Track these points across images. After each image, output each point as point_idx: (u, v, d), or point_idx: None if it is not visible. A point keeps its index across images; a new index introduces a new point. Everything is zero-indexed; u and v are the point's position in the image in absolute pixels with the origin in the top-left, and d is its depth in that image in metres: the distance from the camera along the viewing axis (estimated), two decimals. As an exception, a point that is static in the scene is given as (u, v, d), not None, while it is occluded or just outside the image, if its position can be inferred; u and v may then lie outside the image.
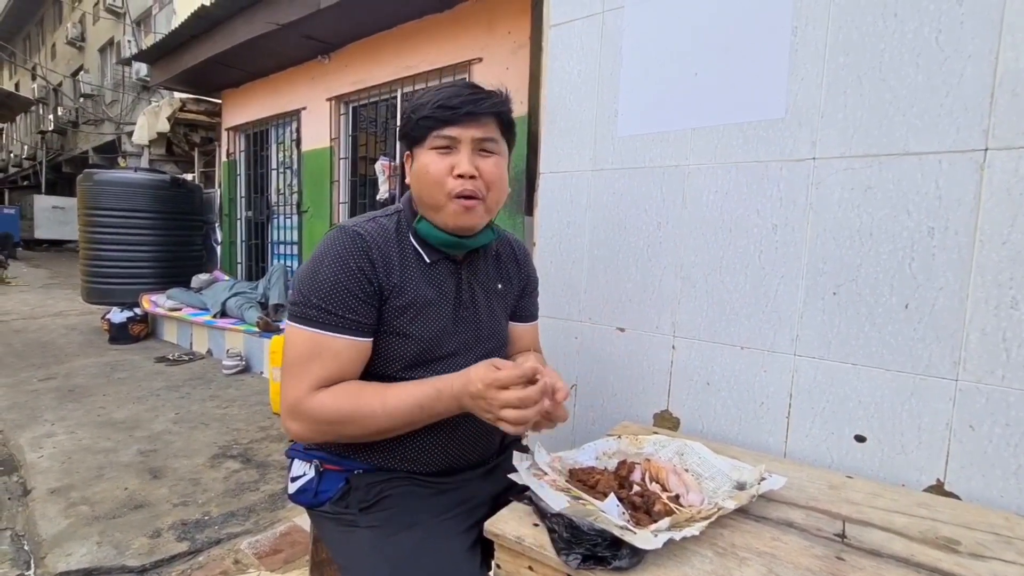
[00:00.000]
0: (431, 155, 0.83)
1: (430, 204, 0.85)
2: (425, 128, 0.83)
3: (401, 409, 0.77)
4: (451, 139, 0.83)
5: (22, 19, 18.54)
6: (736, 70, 1.10)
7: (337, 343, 0.79)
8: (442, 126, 0.82)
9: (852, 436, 0.99)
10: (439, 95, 0.84)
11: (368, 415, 0.78)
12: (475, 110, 0.82)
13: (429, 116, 0.82)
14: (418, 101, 0.86)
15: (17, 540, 1.77)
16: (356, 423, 0.78)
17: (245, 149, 5.47)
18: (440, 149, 0.83)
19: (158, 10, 10.23)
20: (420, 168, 0.84)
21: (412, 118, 0.85)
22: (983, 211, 0.86)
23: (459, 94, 0.83)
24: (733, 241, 1.11)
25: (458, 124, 0.82)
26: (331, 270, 0.80)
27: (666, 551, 0.66)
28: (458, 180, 0.82)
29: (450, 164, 0.82)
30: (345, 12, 3.38)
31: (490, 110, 0.84)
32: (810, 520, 0.77)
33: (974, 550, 0.71)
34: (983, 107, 0.86)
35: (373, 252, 0.82)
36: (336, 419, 0.78)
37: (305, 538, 1.75)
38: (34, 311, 6.30)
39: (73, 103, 13.75)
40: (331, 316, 0.79)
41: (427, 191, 0.84)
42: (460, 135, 0.82)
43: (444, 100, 0.82)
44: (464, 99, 0.82)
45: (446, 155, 0.83)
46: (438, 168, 0.82)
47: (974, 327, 0.87)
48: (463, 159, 0.82)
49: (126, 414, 2.94)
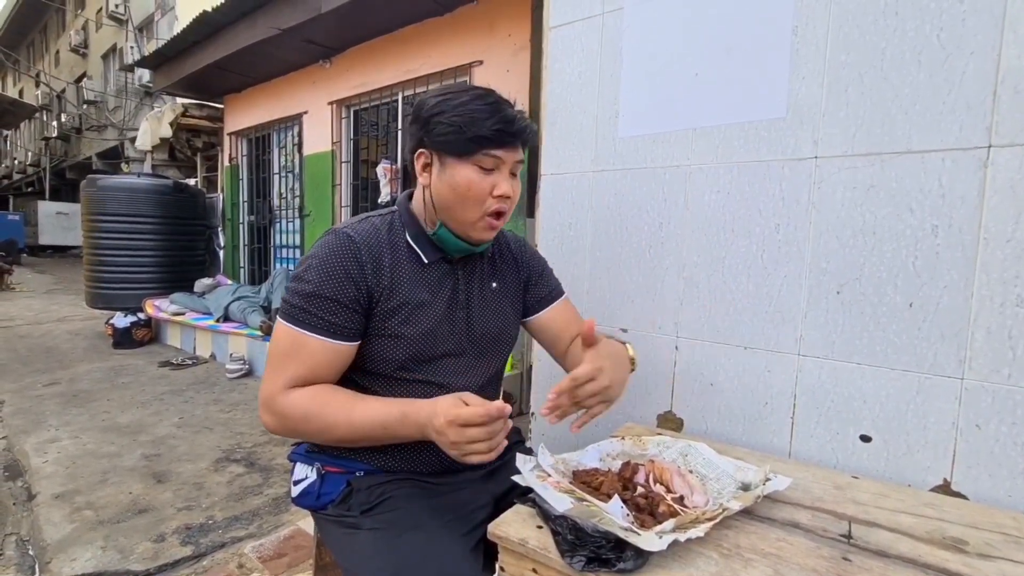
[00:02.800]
0: (473, 171, 0.82)
1: (462, 219, 0.85)
2: (476, 145, 0.81)
3: (365, 425, 0.78)
4: (498, 160, 0.83)
5: (26, 27, 18.67)
6: (737, 70, 1.10)
7: (314, 343, 0.80)
8: (495, 146, 0.81)
9: (857, 436, 0.98)
10: (487, 115, 0.80)
11: (332, 424, 0.79)
12: (522, 142, 0.84)
13: (487, 137, 0.80)
14: (454, 111, 0.81)
15: (22, 545, 1.78)
16: (320, 430, 0.80)
17: (247, 154, 5.50)
18: (485, 169, 0.82)
19: (160, 16, 10.29)
20: (460, 182, 0.82)
21: (462, 132, 0.80)
22: (987, 208, 0.86)
23: (509, 118, 0.81)
24: (735, 241, 1.11)
25: (508, 147, 0.83)
26: (317, 273, 0.81)
27: (671, 553, 0.66)
28: (498, 200, 0.83)
29: (492, 184, 0.83)
30: (346, 16, 3.39)
31: (532, 141, 0.87)
32: (816, 521, 0.77)
33: (982, 550, 0.70)
34: (986, 104, 0.85)
35: (363, 254, 0.83)
36: (302, 420, 0.80)
37: (309, 542, 1.75)
38: (38, 316, 6.33)
39: (76, 109, 13.83)
40: (311, 316, 0.80)
41: (462, 206, 0.84)
42: (506, 158, 0.83)
43: (501, 125, 0.80)
44: (517, 128, 0.82)
45: (487, 174, 0.83)
46: (481, 187, 0.82)
47: (979, 325, 0.87)
48: (504, 181, 0.83)
49: (130, 419, 2.95)
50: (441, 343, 0.88)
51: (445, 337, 0.89)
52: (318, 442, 0.87)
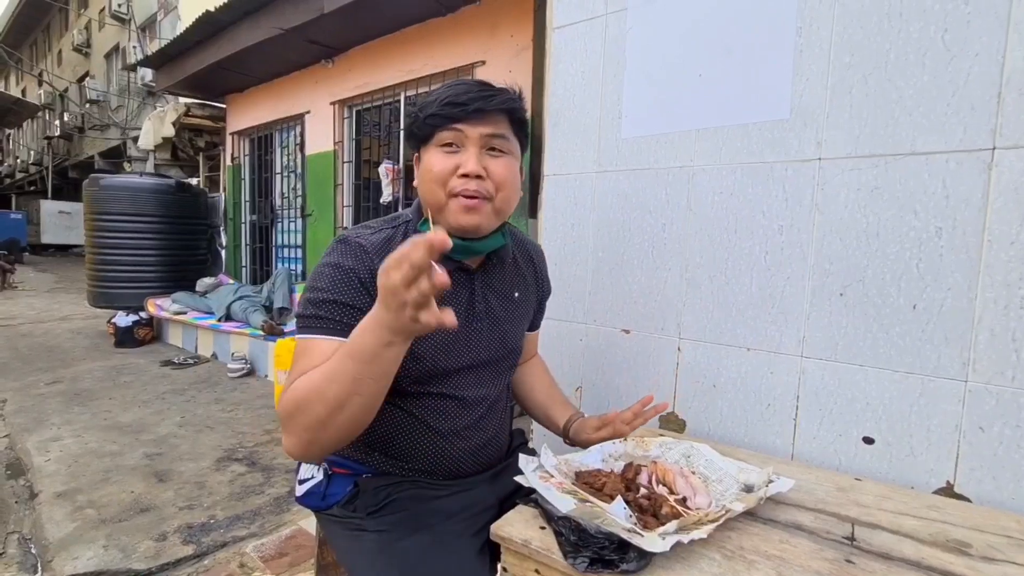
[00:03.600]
0: (437, 153, 0.80)
1: (433, 204, 0.81)
2: (431, 126, 0.79)
3: (337, 365, 0.67)
4: (458, 136, 0.78)
5: (29, 26, 18.71)
6: (740, 71, 1.09)
7: (324, 345, 0.74)
8: (449, 123, 0.78)
9: (860, 438, 0.98)
10: (447, 92, 0.80)
11: (317, 389, 0.68)
12: (484, 107, 0.78)
13: (436, 114, 0.78)
14: (426, 99, 0.82)
15: (24, 543, 1.78)
16: (312, 403, 0.68)
17: (249, 153, 5.50)
18: (446, 147, 0.79)
19: (163, 16, 10.31)
20: (424, 167, 0.81)
21: (419, 116, 0.81)
22: (991, 211, 0.86)
23: (468, 90, 0.79)
24: (738, 242, 1.10)
25: (466, 121, 0.78)
26: (328, 280, 0.77)
27: (674, 554, 0.66)
28: (462, 179, 0.78)
29: (456, 163, 0.78)
30: (348, 17, 3.39)
31: (501, 106, 0.80)
32: (819, 523, 0.77)
33: (985, 553, 0.70)
34: (990, 106, 0.85)
35: (374, 263, 0.78)
36: (296, 407, 0.70)
37: (310, 542, 1.75)
38: (40, 315, 6.34)
39: (79, 109, 13.85)
40: (324, 320, 0.75)
41: (429, 190, 0.80)
42: (468, 132, 0.78)
43: (452, 96, 0.78)
44: (473, 95, 0.78)
45: (452, 154, 0.79)
46: (443, 167, 0.78)
47: (983, 328, 0.87)
48: (470, 158, 0.78)
49: (132, 418, 2.95)
50: (458, 356, 0.85)
51: (463, 349, 0.85)
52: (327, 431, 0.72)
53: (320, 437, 0.71)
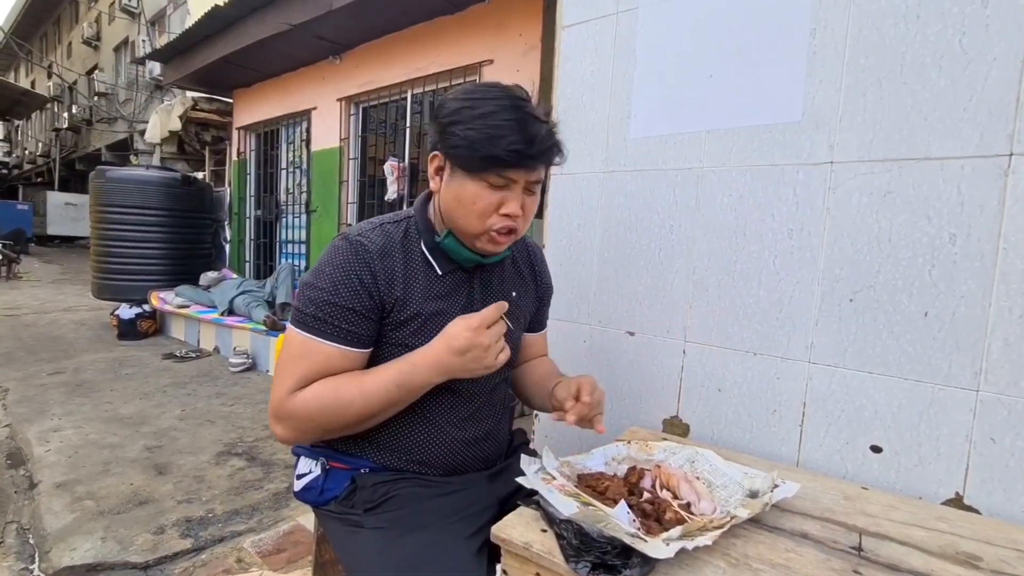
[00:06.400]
0: (481, 187, 0.77)
1: (465, 230, 0.81)
2: (487, 165, 0.75)
3: (379, 390, 0.77)
4: (510, 180, 0.77)
5: (39, 18, 18.81)
6: (752, 72, 1.08)
7: (328, 350, 0.79)
8: (509, 168, 0.76)
9: (868, 446, 0.97)
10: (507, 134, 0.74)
11: (347, 403, 0.77)
12: (542, 163, 0.79)
13: (501, 158, 0.74)
14: (471, 123, 0.75)
15: (22, 533, 1.78)
16: (336, 413, 0.78)
17: (255, 148, 5.51)
18: (494, 185, 0.77)
19: (172, 10, 10.34)
20: (465, 196, 0.78)
21: (475, 150, 0.75)
22: (1007, 218, 0.84)
23: (530, 137, 0.74)
24: (747, 246, 1.09)
25: (524, 168, 0.77)
26: (330, 280, 0.79)
27: (677, 561, 0.64)
28: (502, 218, 0.79)
29: (499, 200, 0.78)
30: (356, 13, 3.39)
31: (555, 161, 0.82)
32: (825, 532, 0.75)
33: (996, 567, 0.68)
34: (1008, 111, 0.84)
35: (375, 264, 0.80)
36: (317, 413, 0.78)
37: (309, 538, 1.75)
38: (44, 306, 6.36)
39: (87, 101, 13.91)
40: (325, 324, 0.78)
41: (465, 218, 0.79)
42: (518, 177, 0.78)
43: (518, 145, 0.74)
44: (537, 149, 0.76)
45: (497, 190, 0.78)
46: (487, 203, 0.78)
47: (996, 337, 0.85)
48: (513, 200, 0.78)
49: (133, 410, 2.95)
50: None
51: None
52: (335, 433, 0.82)
53: (325, 436, 0.83)
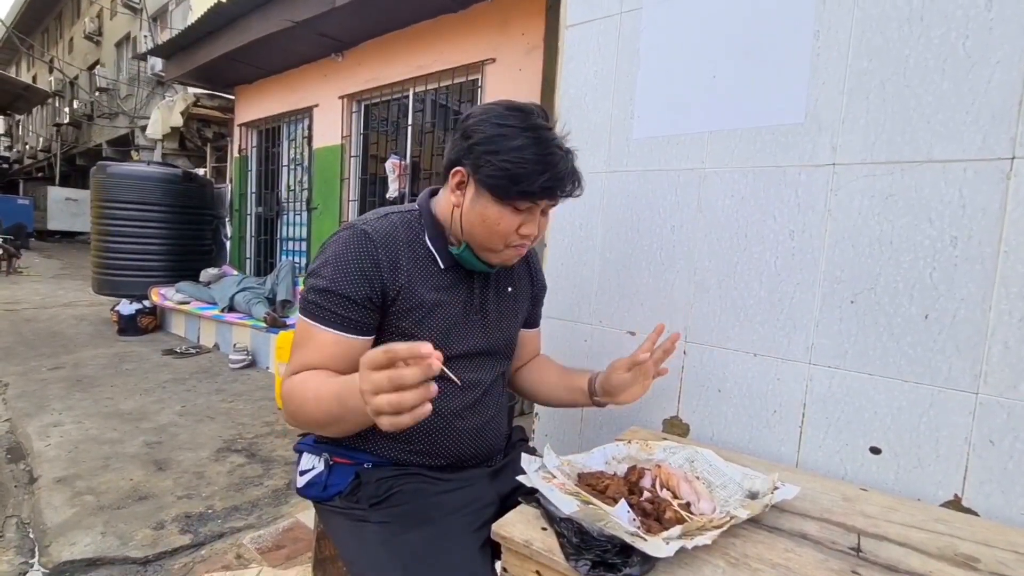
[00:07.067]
0: (506, 211, 0.82)
1: (484, 246, 0.86)
2: (520, 196, 0.80)
3: (326, 398, 0.74)
4: (534, 207, 0.84)
5: (41, 13, 18.78)
6: (755, 73, 1.08)
7: (325, 336, 0.81)
8: (537, 199, 0.82)
9: (867, 448, 0.97)
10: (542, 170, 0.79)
11: (304, 401, 0.77)
12: (571, 195, 0.85)
13: (533, 192, 0.80)
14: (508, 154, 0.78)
15: (22, 528, 1.78)
16: (302, 408, 0.78)
17: (257, 145, 5.51)
18: (519, 211, 0.83)
19: (174, 6, 10.33)
20: (490, 217, 0.82)
21: (509, 182, 0.79)
22: (1008, 221, 0.84)
23: (560, 176, 0.81)
24: (748, 247, 1.09)
25: (548, 199, 0.84)
26: (332, 269, 0.81)
27: (677, 560, 0.65)
28: (521, 237, 0.85)
29: (520, 222, 0.83)
30: (359, 10, 3.39)
31: (577, 195, 0.87)
32: (824, 532, 0.75)
33: (994, 568, 0.69)
34: (1011, 115, 0.84)
35: (380, 253, 0.82)
36: (292, 400, 0.80)
37: (308, 535, 1.75)
38: (45, 301, 6.36)
39: (89, 96, 13.89)
40: (323, 311, 0.80)
41: (487, 237, 0.84)
42: (541, 205, 0.85)
43: (551, 183, 0.80)
44: (568, 191, 0.84)
45: (518, 213, 0.83)
46: (509, 225, 0.83)
47: (996, 340, 0.85)
48: (533, 223, 0.85)
49: (133, 405, 2.96)
50: (454, 344, 0.88)
51: (459, 339, 0.89)
52: (308, 428, 0.87)
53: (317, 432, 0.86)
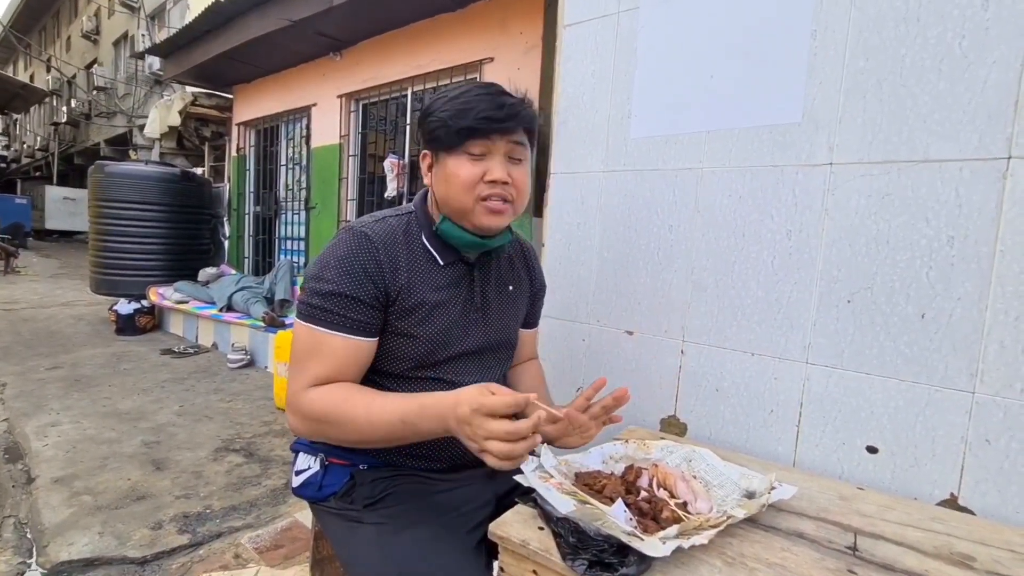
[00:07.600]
0: (464, 161, 0.82)
1: (458, 208, 0.85)
2: (463, 137, 0.81)
3: (384, 420, 0.75)
4: (487, 146, 0.83)
5: (39, 11, 18.73)
6: (753, 73, 1.08)
7: (336, 341, 0.80)
8: (483, 136, 0.81)
9: (864, 447, 0.97)
10: (478, 103, 0.81)
11: (350, 420, 0.76)
12: (515, 126, 0.83)
13: (472, 127, 0.80)
14: (444, 105, 0.83)
15: (20, 528, 1.78)
16: (339, 426, 0.78)
17: (255, 144, 5.50)
18: (473, 156, 0.83)
19: (172, 5, 10.31)
20: (450, 173, 0.83)
21: (448, 125, 0.82)
22: (1004, 221, 0.84)
23: (500, 104, 0.81)
24: (746, 246, 1.09)
25: (497, 134, 0.82)
26: (336, 271, 0.80)
27: (674, 559, 0.65)
28: (490, 185, 0.83)
29: (482, 170, 0.82)
30: (357, 9, 3.38)
31: (527, 125, 0.85)
32: (821, 531, 0.76)
33: (990, 567, 0.69)
34: (1007, 115, 0.84)
35: (380, 254, 0.82)
36: (322, 418, 0.78)
37: (306, 534, 1.75)
38: (43, 300, 6.35)
39: (86, 95, 13.87)
40: (331, 315, 0.80)
41: (456, 195, 0.84)
42: (496, 143, 0.83)
43: (488, 111, 0.80)
44: (508, 111, 0.82)
45: (478, 161, 0.83)
46: (471, 174, 0.82)
47: (992, 339, 0.86)
48: (496, 166, 0.83)
49: (131, 405, 2.95)
50: (455, 343, 0.89)
51: (459, 337, 0.89)
52: (333, 441, 0.83)
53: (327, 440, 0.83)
